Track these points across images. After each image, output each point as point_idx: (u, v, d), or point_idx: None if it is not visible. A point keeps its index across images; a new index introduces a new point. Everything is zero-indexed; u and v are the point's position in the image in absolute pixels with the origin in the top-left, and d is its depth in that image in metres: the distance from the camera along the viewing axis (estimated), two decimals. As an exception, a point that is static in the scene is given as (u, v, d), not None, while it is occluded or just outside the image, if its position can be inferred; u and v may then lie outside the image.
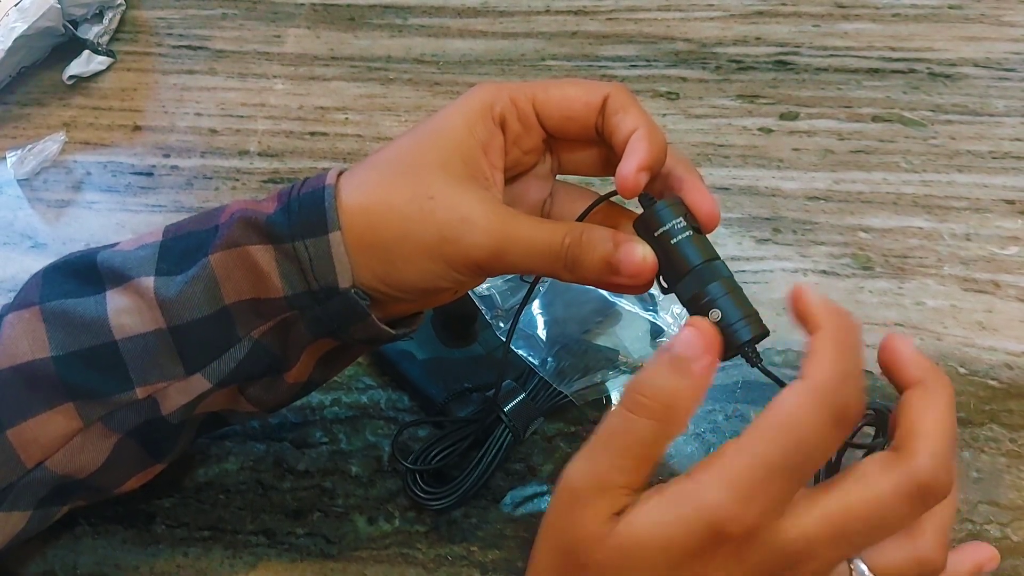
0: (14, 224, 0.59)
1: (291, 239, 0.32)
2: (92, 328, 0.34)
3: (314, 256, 0.32)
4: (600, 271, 0.32)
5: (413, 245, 0.32)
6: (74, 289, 0.35)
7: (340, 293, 0.33)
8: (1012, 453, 0.45)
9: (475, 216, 0.32)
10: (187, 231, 0.35)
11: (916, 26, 0.70)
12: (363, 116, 0.65)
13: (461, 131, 0.33)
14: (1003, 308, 0.51)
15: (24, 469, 0.35)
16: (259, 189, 0.60)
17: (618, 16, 0.72)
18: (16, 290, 0.53)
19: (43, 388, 0.34)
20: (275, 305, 0.33)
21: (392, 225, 0.32)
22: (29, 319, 0.34)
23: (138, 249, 0.35)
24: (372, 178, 0.33)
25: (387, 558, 0.43)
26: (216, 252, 0.33)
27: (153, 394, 0.35)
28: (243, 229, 0.33)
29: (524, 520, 0.44)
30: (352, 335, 0.34)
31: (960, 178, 0.58)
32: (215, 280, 0.33)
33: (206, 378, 0.34)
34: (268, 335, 0.34)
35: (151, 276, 0.34)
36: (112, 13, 0.72)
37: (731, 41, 0.69)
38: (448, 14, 0.73)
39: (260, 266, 0.33)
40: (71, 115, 0.66)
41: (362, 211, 0.32)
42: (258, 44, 0.71)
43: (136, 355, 0.34)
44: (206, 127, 0.65)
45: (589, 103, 0.34)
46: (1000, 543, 0.42)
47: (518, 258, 0.32)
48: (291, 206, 0.33)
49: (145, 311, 0.34)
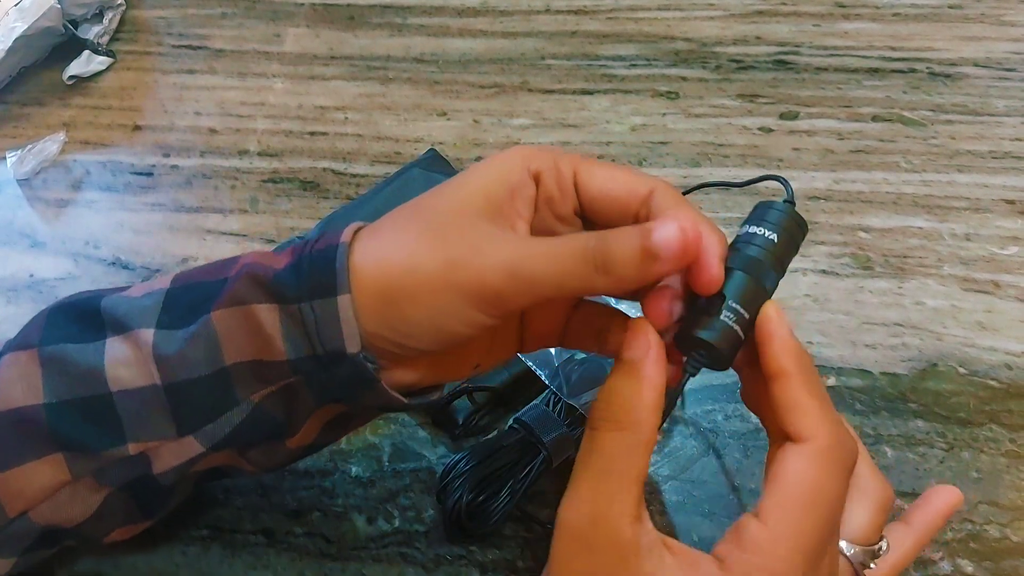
0: (14, 224, 0.59)
1: (297, 300, 0.30)
2: (88, 377, 0.32)
3: (320, 319, 0.30)
4: (639, 263, 0.27)
5: (420, 278, 0.29)
6: (75, 333, 0.33)
7: (347, 358, 0.30)
8: (1012, 453, 0.45)
9: (487, 241, 0.29)
10: (196, 281, 0.33)
11: (916, 26, 0.69)
12: (362, 115, 0.65)
13: (489, 175, 0.31)
14: (1003, 308, 0.51)
15: (6, 518, 0.33)
16: (258, 188, 0.60)
17: (618, 15, 0.72)
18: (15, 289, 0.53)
19: (32, 436, 0.32)
20: (278, 369, 0.31)
21: (400, 268, 0.29)
22: (26, 362, 0.33)
23: (144, 297, 0.33)
24: (385, 231, 0.31)
25: (386, 558, 0.43)
26: (219, 309, 0.31)
27: (146, 451, 0.33)
28: (249, 286, 0.31)
29: (524, 520, 0.44)
30: (361, 402, 0.32)
31: (960, 178, 0.58)
32: (216, 339, 0.31)
33: (199, 441, 0.32)
34: (270, 399, 0.32)
35: (151, 328, 0.32)
36: (112, 13, 0.72)
37: (731, 40, 0.69)
38: (448, 13, 0.73)
39: (264, 327, 0.30)
40: (71, 115, 0.66)
41: (375, 266, 0.30)
42: (258, 43, 0.71)
43: (131, 409, 0.32)
44: (206, 126, 0.65)
45: (634, 191, 0.30)
46: (1000, 543, 0.42)
47: (538, 271, 0.28)
48: (301, 264, 0.30)
49: (142, 365, 0.32)
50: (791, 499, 0.27)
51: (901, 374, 0.48)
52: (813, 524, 0.27)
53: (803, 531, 0.27)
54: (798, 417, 0.28)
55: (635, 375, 0.28)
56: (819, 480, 0.27)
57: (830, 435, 0.28)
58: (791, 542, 0.26)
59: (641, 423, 0.27)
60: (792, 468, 0.27)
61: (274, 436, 0.33)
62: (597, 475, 0.27)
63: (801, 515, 0.27)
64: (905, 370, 0.49)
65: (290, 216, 0.58)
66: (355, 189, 0.59)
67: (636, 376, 0.28)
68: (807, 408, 0.28)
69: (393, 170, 0.58)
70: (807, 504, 0.27)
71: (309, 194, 0.59)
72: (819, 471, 0.27)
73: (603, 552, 0.27)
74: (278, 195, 0.59)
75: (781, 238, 0.30)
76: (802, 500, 0.27)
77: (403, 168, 0.58)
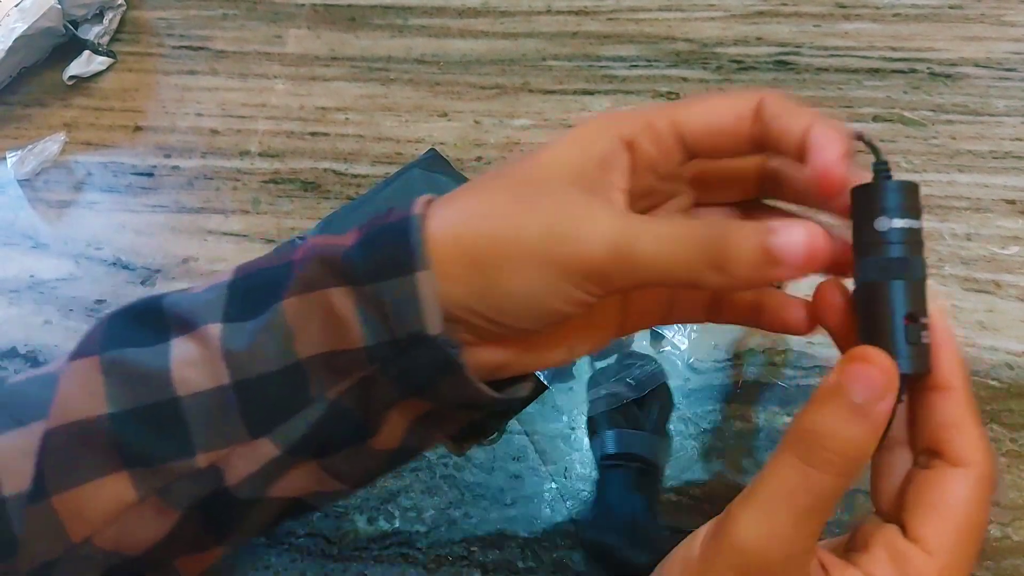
0: (15, 224, 0.59)
1: (372, 280, 0.27)
2: (153, 382, 0.29)
3: (397, 299, 0.27)
4: (756, 263, 0.25)
5: (516, 249, 0.26)
6: (137, 336, 0.30)
7: (427, 341, 0.27)
8: (1012, 453, 0.45)
9: (590, 213, 0.26)
10: (258, 268, 0.31)
11: (917, 26, 0.69)
12: (364, 116, 0.65)
13: (576, 148, 0.28)
14: (1004, 308, 0.51)
15: (69, 543, 0.30)
16: (260, 189, 0.60)
17: (619, 16, 0.72)
18: (17, 290, 0.53)
19: (96, 451, 0.30)
20: (354, 359, 0.28)
21: (489, 237, 0.27)
22: (87, 370, 0.30)
23: (207, 291, 0.31)
24: (466, 200, 0.28)
25: (387, 558, 0.43)
26: (290, 296, 0.28)
27: (216, 462, 0.30)
28: (319, 269, 0.28)
29: (524, 520, 0.44)
30: (442, 394, 0.29)
31: (961, 178, 0.58)
32: (288, 330, 0.28)
33: (273, 442, 0.29)
34: (347, 396, 0.29)
35: (219, 323, 0.29)
36: (112, 13, 0.72)
37: (732, 41, 0.69)
38: (449, 14, 0.73)
39: (338, 312, 0.28)
40: (72, 115, 0.66)
41: (455, 237, 0.27)
42: (259, 44, 0.72)
43: (200, 415, 0.29)
44: (207, 127, 0.65)
45: (739, 114, 0.28)
46: (1000, 543, 0.42)
47: (646, 256, 0.25)
48: (372, 240, 0.28)
49: (210, 363, 0.29)
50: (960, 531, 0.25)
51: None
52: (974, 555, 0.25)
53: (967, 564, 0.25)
54: (963, 438, 0.26)
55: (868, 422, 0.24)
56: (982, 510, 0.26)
57: (991, 462, 0.26)
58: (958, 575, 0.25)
59: (858, 472, 0.25)
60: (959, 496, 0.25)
61: (355, 437, 0.30)
62: (804, 513, 0.25)
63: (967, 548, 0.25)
64: (906, 370, 0.49)
65: (291, 217, 0.58)
66: (356, 190, 0.59)
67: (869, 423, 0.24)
68: (971, 430, 0.26)
69: (394, 170, 0.58)
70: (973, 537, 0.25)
71: (310, 195, 0.59)
72: (983, 500, 0.25)
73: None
74: (279, 196, 0.60)
75: (912, 218, 0.26)
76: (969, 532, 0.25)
77: (404, 168, 0.58)
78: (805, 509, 0.24)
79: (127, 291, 0.54)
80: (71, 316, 0.53)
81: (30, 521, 0.30)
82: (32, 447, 0.30)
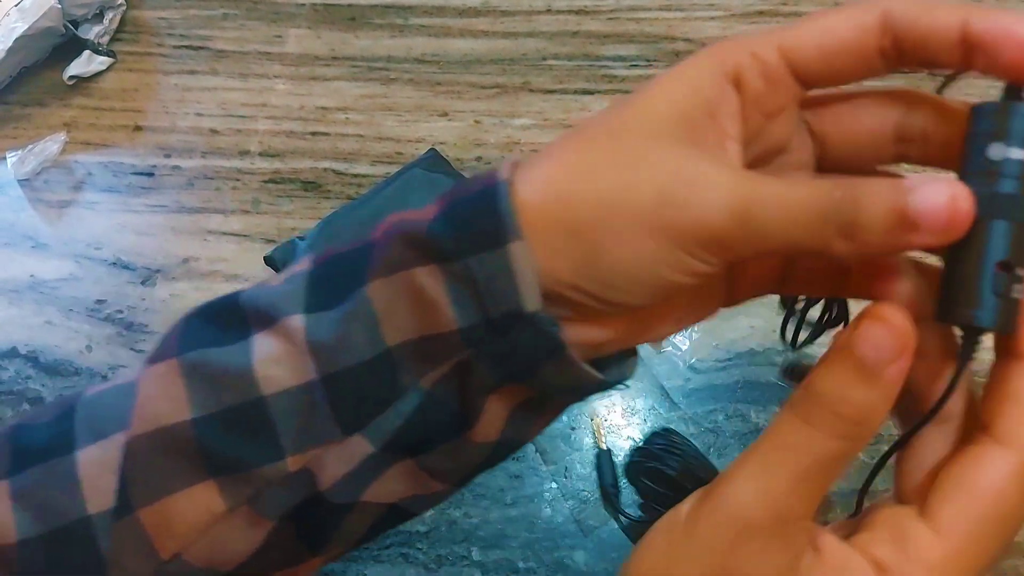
0: (15, 225, 0.59)
1: (460, 255, 0.25)
2: (236, 382, 0.27)
3: (490, 275, 0.24)
4: (889, 227, 0.21)
5: (624, 215, 0.23)
6: (216, 336, 0.28)
7: (525, 319, 0.24)
8: (1013, 453, 0.45)
9: (706, 172, 0.23)
10: (336, 254, 0.28)
11: (917, 26, 0.69)
12: (364, 116, 0.65)
13: (679, 92, 0.25)
14: (1004, 308, 0.51)
15: (159, 560, 0.28)
16: (260, 189, 0.60)
17: (619, 16, 0.72)
18: (17, 291, 0.53)
19: (181, 460, 0.28)
20: (447, 343, 0.26)
21: (592, 201, 0.24)
22: (166, 374, 0.28)
23: (285, 283, 0.29)
24: (560, 158, 0.25)
25: (387, 558, 0.43)
26: (375, 279, 0.26)
27: (307, 465, 0.27)
28: (403, 247, 0.26)
29: (524, 520, 0.44)
30: (544, 379, 0.26)
31: (961, 178, 0.58)
32: (374, 316, 0.26)
33: (367, 439, 0.27)
34: (442, 383, 0.27)
35: (300, 314, 0.27)
36: (112, 13, 0.72)
37: (732, 41, 0.69)
38: (449, 14, 0.73)
39: (426, 293, 0.25)
40: (72, 115, 0.66)
41: (550, 201, 0.24)
42: (259, 44, 0.71)
43: (287, 414, 0.27)
44: (207, 127, 0.65)
45: (862, 25, 0.24)
46: (1001, 543, 0.42)
47: (771, 222, 0.22)
48: (456, 211, 0.25)
49: (295, 358, 0.27)
50: (983, 515, 0.22)
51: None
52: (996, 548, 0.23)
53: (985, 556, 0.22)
54: (1018, 415, 0.23)
55: (878, 385, 0.22)
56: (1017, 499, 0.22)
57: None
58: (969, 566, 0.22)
59: (864, 439, 0.23)
60: (991, 476, 0.22)
61: (452, 430, 0.28)
62: (801, 474, 0.23)
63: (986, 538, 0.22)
64: (906, 370, 0.49)
65: (292, 216, 0.58)
66: (356, 189, 0.59)
67: (879, 387, 0.22)
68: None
69: (394, 170, 0.58)
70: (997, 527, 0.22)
71: (311, 194, 0.59)
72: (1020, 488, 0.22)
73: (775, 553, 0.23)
74: (280, 196, 0.60)
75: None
76: (994, 520, 0.22)
77: (404, 168, 0.58)
78: (802, 470, 0.23)
79: (127, 291, 0.54)
80: (72, 316, 0.53)
81: (117, 538, 0.28)
82: (115, 460, 0.28)
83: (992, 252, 0.22)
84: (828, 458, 0.23)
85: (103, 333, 0.52)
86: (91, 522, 0.28)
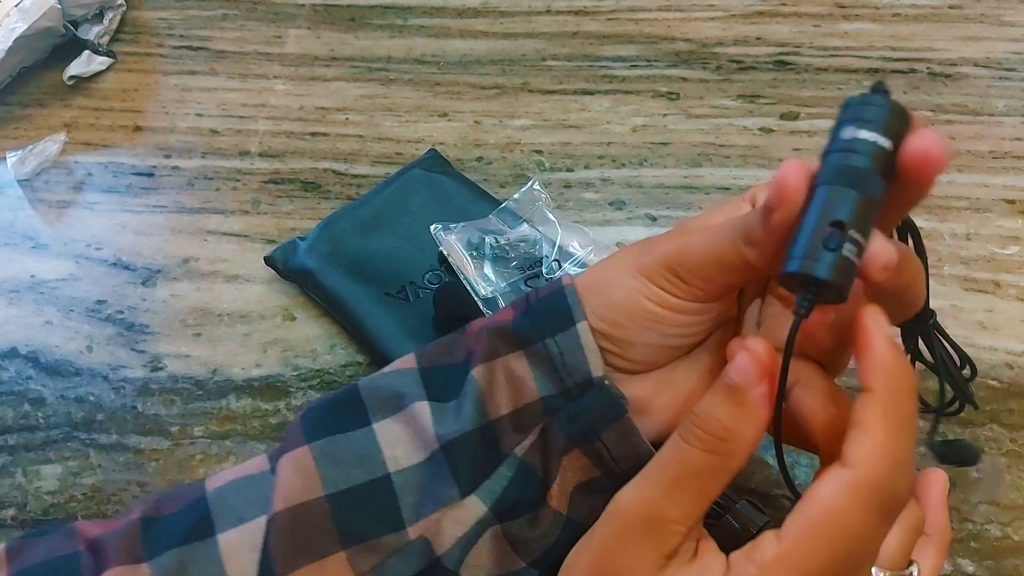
0: (15, 225, 0.59)
1: (540, 337, 0.32)
2: (364, 462, 0.32)
3: (564, 349, 0.32)
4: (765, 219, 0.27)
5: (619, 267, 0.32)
6: (340, 423, 0.33)
7: (594, 384, 0.31)
8: (1012, 453, 0.45)
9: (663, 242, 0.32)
10: (443, 364, 0.34)
11: (916, 26, 0.70)
12: (364, 116, 0.65)
13: None
14: (1004, 308, 0.51)
15: None
16: (260, 189, 0.60)
17: (619, 16, 0.72)
18: (17, 291, 0.53)
19: (315, 533, 0.31)
20: (533, 412, 0.32)
21: (604, 276, 0.33)
22: (299, 458, 0.32)
23: (397, 376, 0.34)
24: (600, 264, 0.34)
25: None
26: (477, 365, 0.33)
27: (424, 533, 0.31)
28: (495, 340, 0.33)
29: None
30: (607, 444, 0.31)
31: (960, 178, 0.58)
32: (481, 394, 0.32)
33: (480, 499, 0.32)
34: (530, 453, 0.32)
35: (424, 400, 0.33)
36: (112, 13, 0.72)
37: (731, 41, 0.69)
38: (449, 14, 0.73)
39: (515, 372, 0.32)
40: (72, 115, 0.66)
41: (587, 285, 0.33)
42: (259, 45, 0.72)
43: (409, 488, 0.32)
44: (207, 128, 0.65)
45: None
46: (1001, 543, 0.42)
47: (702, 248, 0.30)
48: (534, 308, 0.33)
49: (418, 438, 0.32)
50: (810, 524, 0.25)
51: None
52: (826, 555, 0.25)
53: (812, 560, 0.25)
54: (855, 439, 0.26)
55: (739, 404, 0.26)
56: (847, 513, 0.25)
57: (877, 469, 0.25)
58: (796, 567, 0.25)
59: (734, 454, 0.27)
60: (823, 492, 0.25)
61: (536, 493, 0.32)
62: (672, 481, 0.27)
63: (816, 543, 0.25)
64: (906, 370, 0.49)
65: (291, 217, 0.58)
66: (356, 190, 0.59)
67: (740, 405, 0.26)
68: (872, 435, 0.26)
69: (394, 171, 0.58)
70: (825, 533, 0.25)
71: (310, 195, 0.60)
72: (851, 504, 0.25)
73: (647, 549, 0.27)
74: (279, 196, 0.60)
75: (884, 137, 0.26)
76: (821, 528, 0.25)
77: (404, 168, 0.58)
78: (673, 478, 0.27)
79: (127, 291, 0.54)
80: (71, 316, 0.53)
81: None
82: (257, 541, 0.31)
83: (828, 212, 0.25)
84: (698, 469, 0.27)
85: (103, 333, 0.52)
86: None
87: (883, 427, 0.26)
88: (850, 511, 0.25)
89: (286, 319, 0.53)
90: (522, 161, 0.61)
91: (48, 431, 0.48)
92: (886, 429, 0.26)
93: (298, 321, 0.53)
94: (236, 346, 0.51)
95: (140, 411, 0.49)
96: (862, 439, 0.26)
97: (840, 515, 0.25)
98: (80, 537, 0.33)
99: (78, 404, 0.49)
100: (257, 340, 0.52)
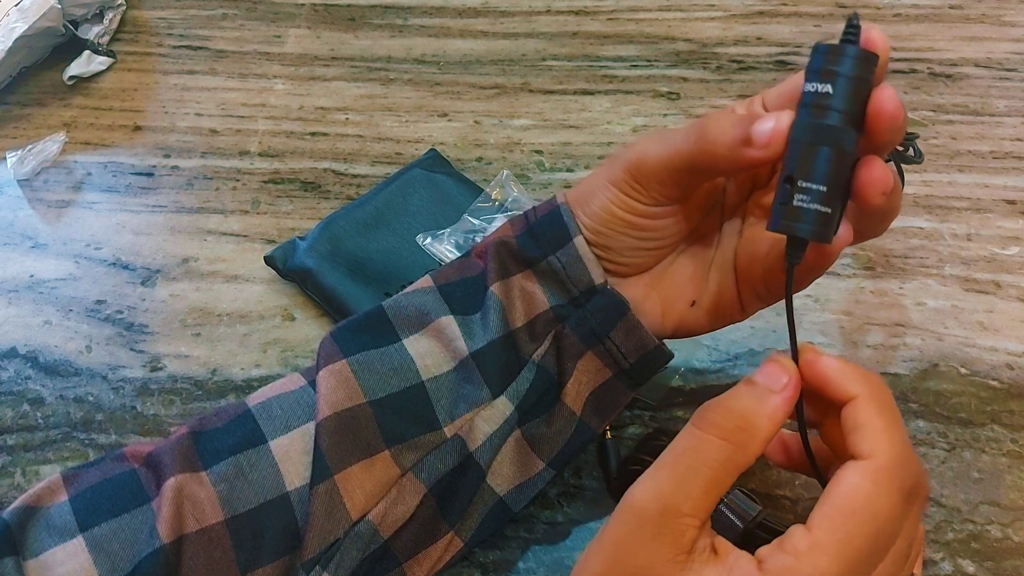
0: (14, 224, 0.59)
1: (543, 256, 0.37)
2: (399, 372, 0.36)
3: (566, 263, 0.36)
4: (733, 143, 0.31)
5: (597, 181, 0.36)
6: (372, 340, 0.37)
7: (598, 290, 0.36)
8: (1013, 453, 0.45)
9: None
10: (459, 279, 0.38)
11: (917, 26, 0.69)
12: (364, 116, 0.65)
13: None
14: (1004, 308, 0.51)
15: (350, 520, 0.34)
16: (260, 189, 0.60)
17: (619, 16, 0.72)
18: (16, 290, 0.53)
19: (362, 434, 0.35)
20: (544, 320, 0.37)
21: (587, 187, 0.37)
22: (339, 371, 0.36)
23: (419, 293, 0.38)
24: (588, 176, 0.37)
25: (388, 558, 0.43)
26: (495, 283, 0.37)
27: (459, 431, 0.36)
28: (504, 258, 0.37)
29: (525, 520, 0.44)
30: (616, 340, 0.36)
31: (961, 178, 0.58)
32: (502, 307, 0.37)
33: (508, 399, 0.36)
34: (546, 359, 0.37)
35: (449, 315, 0.37)
36: (112, 13, 0.72)
37: (732, 41, 0.69)
38: (449, 14, 0.73)
39: (527, 288, 0.37)
40: (71, 115, 0.66)
41: (574, 195, 0.37)
42: (258, 44, 0.71)
43: (442, 393, 0.36)
44: (206, 127, 0.65)
45: None
46: (1001, 543, 0.42)
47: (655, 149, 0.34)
48: (534, 227, 0.37)
49: (447, 349, 0.37)
50: (839, 511, 0.26)
51: (902, 374, 0.48)
52: (859, 539, 0.26)
53: (847, 544, 0.26)
54: (862, 436, 0.28)
55: (765, 402, 0.28)
56: (872, 496, 0.27)
57: (891, 454, 0.27)
58: (832, 552, 0.26)
59: (749, 446, 0.28)
60: (846, 482, 0.27)
61: (552, 397, 0.37)
62: (685, 472, 0.28)
63: (848, 528, 0.26)
64: (906, 370, 0.49)
65: (291, 217, 0.58)
66: (356, 190, 0.59)
67: (765, 403, 0.28)
68: (876, 425, 0.28)
69: (394, 171, 0.58)
70: (855, 518, 0.26)
71: (310, 195, 0.59)
72: (874, 487, 0.27)
73: (662, 544, 0.27)
74: (279, 196, 0.60)
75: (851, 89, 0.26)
76: (851, 513, 0.26)
77: (404, 168, 0.58)
78: (686, 467, 0.28)
79: (127, 291, 0.54)
80: (71, 316, 0.53)
81: (317, 502, 0.34)
82: (307, 444, 0.35)
83: (783, 169, 0.28)
84: (711, 458, 0.27)
85: (103, 333, 0.52)
86: (289, 498, 0.34)
87: (881, 419, 0.28)
88: (875, 496, 0.26)
89: (286, 319, 0.53)
90: (522, 161, 0.61)
91: (47, 431, 0.48)
92: (884, 419, 0.28)
93: (298, 321, 0.52)
94: (235, 346, 0.51)
95: (139, 411, 0.48)
96: (868, 433, 0.27)
97: (867, 500, 0.26)
98: (131, 457, 0.35)
99: (77, 404, 0.49)
100: (257, 340, 0.51)
